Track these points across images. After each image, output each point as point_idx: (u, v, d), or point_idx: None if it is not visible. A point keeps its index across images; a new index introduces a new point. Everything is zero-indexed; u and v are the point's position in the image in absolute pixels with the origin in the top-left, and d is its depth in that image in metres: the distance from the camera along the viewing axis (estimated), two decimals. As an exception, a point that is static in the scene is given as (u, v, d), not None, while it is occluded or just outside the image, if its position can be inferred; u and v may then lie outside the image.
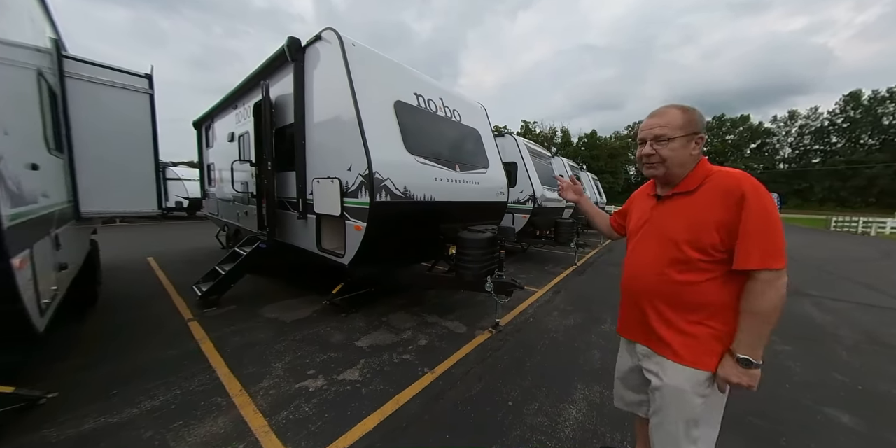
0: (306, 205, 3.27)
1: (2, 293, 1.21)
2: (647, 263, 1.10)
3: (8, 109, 1.29)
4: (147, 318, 3.45)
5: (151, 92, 2.94)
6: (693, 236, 0.98)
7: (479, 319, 3.61)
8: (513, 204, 6.52)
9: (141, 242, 8.20)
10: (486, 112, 4.70)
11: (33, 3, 2.00)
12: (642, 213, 1.18)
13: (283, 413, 2.05)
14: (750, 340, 0.93)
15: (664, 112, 1.04)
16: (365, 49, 2.86)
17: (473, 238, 3.12)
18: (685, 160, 1.03)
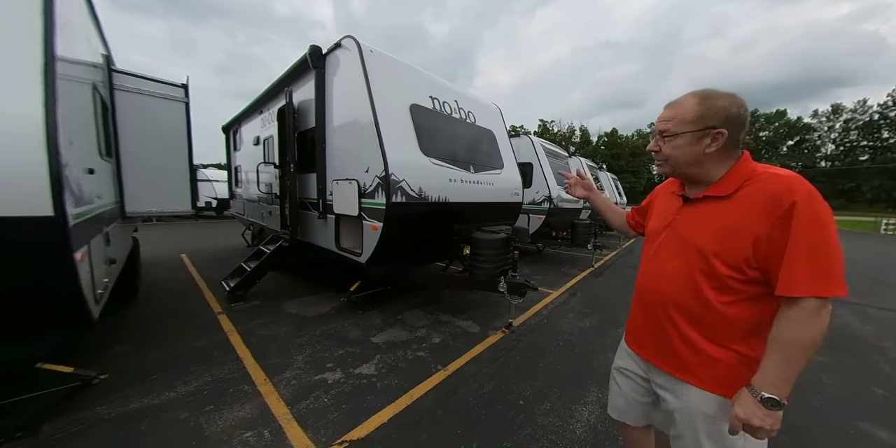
0: (326, 205, 3.42)
1: (66, 283, 1.38)
2: (668, 274, 0.95)
3: (72, 121, 1.47)
4: (181, 310, 3.71)
5: (187, 100, 3.19)
6: (723, 249, 0.83)
7: (493, 319, 3.63)
8: (528, 205, 6.47)
9: (175, 240, 8.75)
10: (501, 113, 4.71)
11: (90, 24, 2.24)
12: (665, 213, 1.02)
13: (304, 402, 2.17)
14: (779, 376, 0.77)
15: (678, 102, 0.90)
16: (382, 55, 2.96)
17: (487, 238, 3.16)
18: (696, 159, 0.88)
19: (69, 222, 1.31)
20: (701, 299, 0.87)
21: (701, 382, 0.89)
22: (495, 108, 4.61)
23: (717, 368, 0.87)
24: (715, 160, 0.88)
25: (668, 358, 0.96)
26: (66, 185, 1.31)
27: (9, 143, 1.18)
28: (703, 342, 0.88)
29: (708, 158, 0.88)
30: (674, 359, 0.94)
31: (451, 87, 3.80)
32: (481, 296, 4.39)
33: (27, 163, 1.20)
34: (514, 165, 4.61)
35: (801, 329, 0.76)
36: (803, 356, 0.76)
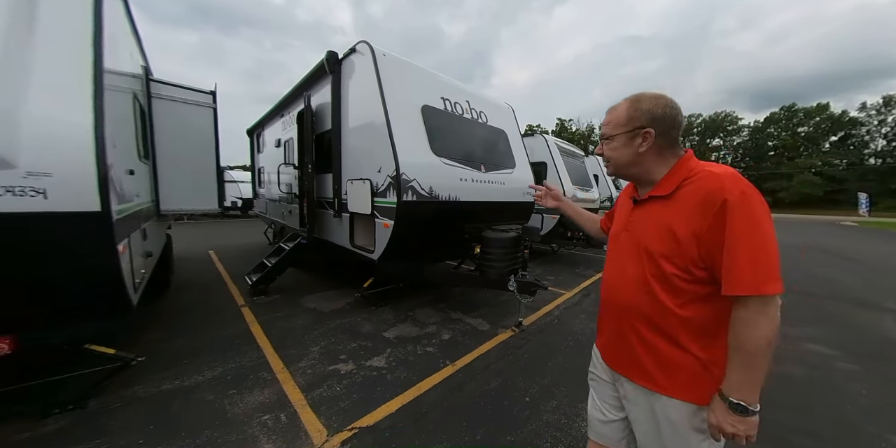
0: (341, 204, 3.56)
1: (110, 271, 1.55)
2: (624, 276, 0.95)
3: (116, 127, 1.65)
4: (209, 302, 3.97)
5: (215, 106, 3.42)
6: (669, 249, 0.83)
7: (503, 318, 3.65)
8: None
9: (204, 238, 9.28)
10: (514, 112, 4.71)
11: (132, 38, 2.47)
12: (622, 216, 1.03)
13: (318, 390, 2.29)
14: (741, 380, 0.76)
15: (614, 108, 0.94)
16: (395, 58, 3.06)
17: (497, 237, 3.19)
18: (632, 159, 0.91)
19: (113, 217, 1.47)
20: (656, 302, 0.86)
21: (662, 389, 0.87)
22: (508, 107, 4.62)
23: (677, 374, 0.86)
24: (652, 159, 0.91)
25: (629, 365, 0.95)
26: (110, 184, 1.47)
27: (64, 148, 1.35)
28: (663, 347, 0.87)
29: (644, 158, 0.91)
30: (635, 366, 0.93)
31: (463, 87, 3.85)
32: (492, 295, 4.41)
33: (79, 164, 1.37)
34: (527, 165, 4.60)
35: (751, 330, 0.75)
36: (761, 358, 0.75)
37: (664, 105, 0.87)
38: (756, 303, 0.74)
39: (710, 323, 0.82)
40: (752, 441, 0.78)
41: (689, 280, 0.82)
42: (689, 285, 0.82)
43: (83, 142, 1.37)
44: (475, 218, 3.64)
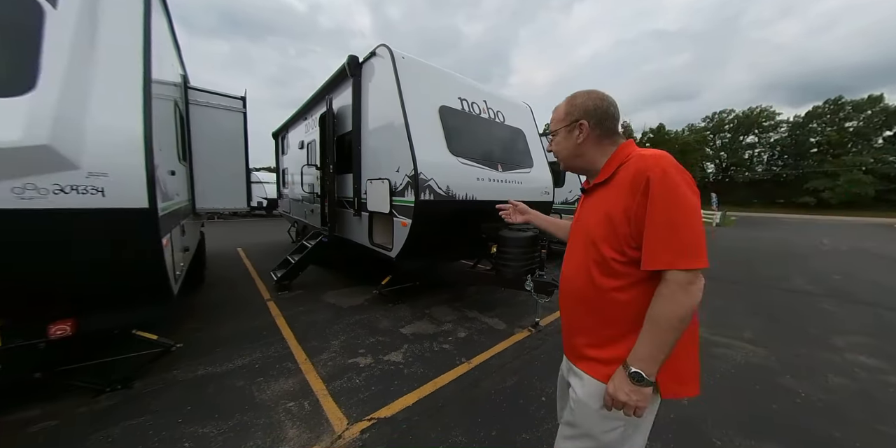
0: (361, 203, 3.67)
1: (155, 263, 1.70)
2: (573, 266, 0.97)
3: (161, 131, 1.81)
4: (238, 296, 4.20)
5: (245, 111, 3.64)
6: (607, 232, 0.86)
7: (519, 318, 3.64)
8: (560, 204, 6.32)
9: (232, 236, 9.79)
10: (532, 112, 4.68)
11: (173, 50, 2.68)
12: (577, 210, 1.07)
13: (338, 381, 2.38)
14: (647, 352, 0.78)
15: (556, 107, 1.01)
16: (413, 60, 3.13)
17: (514, 236, 3.18)
18: (574, 151, 0.97)
19: (158, 213, 1.62)
20: (595, 287, 0.88)
21: (597, 373, 0.89)
22: (525, 106, 4.60)
23: (608, 359, 0.88)
24: (592, 150, 0.96)
25: (575, 350, 0.97)
26: (156, 183, 1.61)
27: (118, 151, 1.50)
28: (600, 334, 0.90)
29: (584, 149, 0.96)
30: (576, 350, 0.97)
31: (481, 87, 3.87)
32: (509, 294, 4.40)
33: (130, 166, 1.52)
34: (545, 164, 4.55)
35: (666, 304, 0.76)
36: (669, 333, 0.76)
37: (596, 98, 0.93)
38: (675, 278, 0.75)
39: (645, 308, 0.82)
40: (639, 414, 0.81)
41: (625, 262, 0.84)
42: (625, 267, 0.84)
43: (134, 145, 1.52)
44: (492, 217, 3.63)
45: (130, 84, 1.56)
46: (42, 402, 2.01)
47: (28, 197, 1.34)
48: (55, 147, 1.34)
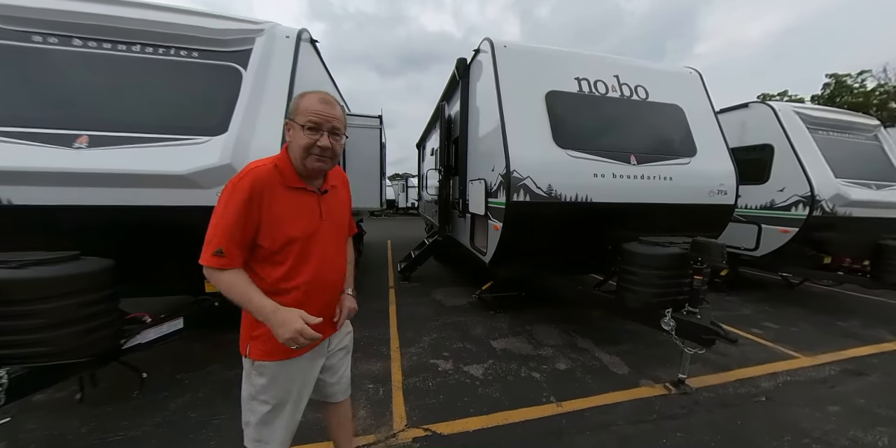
0: (465, 204, 3.66)
1: None
2: (335, 255, 1.20)
3: None
4: (373, 279, 5.11)
5: (380, 127, 4.37)
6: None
7: (656, 366, 2.64)
8: (760, 209, 4.22)
9: (386, 230, 12.12)
10: (702, 79, 3.31)
11: (329, 85, 3.56)
12: (309, 212, 1.11)
13: (414, 379, 2.43)
14: None
15: (332, 102, 1.04)
16: (516, 47, 2.82)
17: (644, 252, 2.33)
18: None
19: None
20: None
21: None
22: (689, 74, 3.31)
23: None
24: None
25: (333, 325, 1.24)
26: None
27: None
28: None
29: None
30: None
31: (610, 60, 3.08)
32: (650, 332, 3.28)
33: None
34: (724, 150, 3.13)
35: None
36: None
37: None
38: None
39: None
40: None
41: None
42: None
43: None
44: (622, 224, 2.81)
45: (278, 120, 2.13)
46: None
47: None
48: (234, 165, 1.98)
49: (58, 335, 1.51)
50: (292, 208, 1.05)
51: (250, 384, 1.11)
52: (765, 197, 4.22)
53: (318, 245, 1.10)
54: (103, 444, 1.76)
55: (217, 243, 0.94)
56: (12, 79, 1.98)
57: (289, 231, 1.03)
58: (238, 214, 0.95)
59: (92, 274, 1.62)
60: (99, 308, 1.65)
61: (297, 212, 1.06)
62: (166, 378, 2.34)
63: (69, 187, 1.85)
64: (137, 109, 2.08)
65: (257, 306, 0.95)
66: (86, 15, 2.11)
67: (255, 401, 1.10)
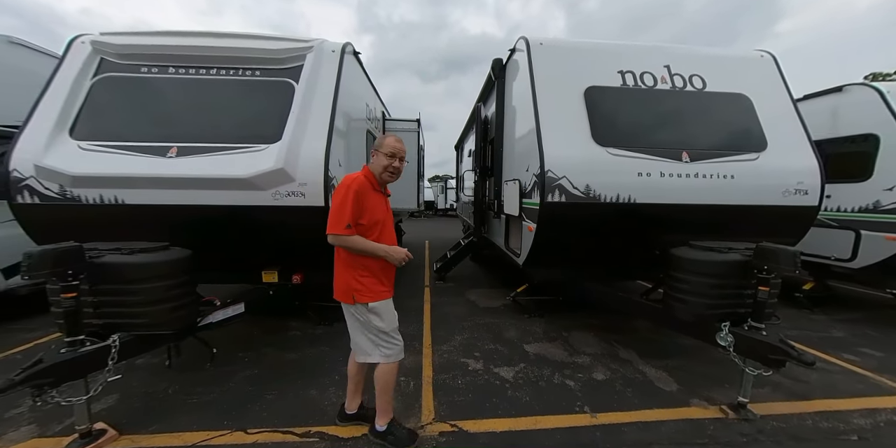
0: (500, 205, 3.64)
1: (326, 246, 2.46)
2: (393, 236, 1.82)
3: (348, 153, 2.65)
4: (409, 278, 5.28)
5: (419, 130, 4.54)
6: None
7: (710, 386, 2.37)
8: (859, 212, 3.55)
9: (425, 231, 12.41)
10: (776, 63, 2.90)
11: (373, 95, 3.81)
12: (384, 206, 1.77)
13: (444, 376, 2.48)
14: None
15: (401, 140, 1.76)
16: (554, 44, 2.73)
17: (696, 259, 2.11)
18: None
19: (330, 210, 2.35)
20: None
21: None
22: (758, 58, 2.91)
23: None
24: None
25: None
26: (330, 189, 2.33)
27: (312, 169, 2.31)
28: None
29: None
30: None
31: (663, 49, 2.84)
32: (705, 347, 2.95)
33: (316, 178, 2.28)
34: (804, 143, 2.71)
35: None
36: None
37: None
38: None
39: None
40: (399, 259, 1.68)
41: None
42: None
43: (319, 165, 2.28)
44: (671, 227, 2.59)
45: (322, 128, 2.38)
46: (296, 320, 3.39)
47: (277, 198, 2.31)
48: (286, 169, 2.24)
49: (153, 310, 1.85)
50: (376, 202, 1.68)
51: (370, 325, 1.67)
52: (866, 197, 3.52)
53: (387, 228, 1.74)
54: (183, 404, 2.09)
55: (346, 221, 1.55)
56: (126, 103, 2.46)
57: (376, 215, 1.66)
58: (354, 204, 1.55)
59: (178, 261, 1.95)
60: (182, 290, 1.97)
61: (378, 205, 1.70)
62: (231, 355, 2.69)
63: (163, 190, 2.24)
64: (212, 123, 2.45)
65: (377, 247, 1.61)
66: (178, 47, 2.54)
67: (379, 332, 1.68)
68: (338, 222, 1.55)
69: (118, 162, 2.23)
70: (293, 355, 2.74)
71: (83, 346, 1.68)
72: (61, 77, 2.43)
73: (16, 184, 2.24)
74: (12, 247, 2.85)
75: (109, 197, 2.24)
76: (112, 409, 2.04)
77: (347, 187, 1.55)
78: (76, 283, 1.61)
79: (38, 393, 1.52)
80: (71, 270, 1.58)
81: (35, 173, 2.22)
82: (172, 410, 2.04)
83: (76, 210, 2.28)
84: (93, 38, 2.55)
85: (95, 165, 2.20)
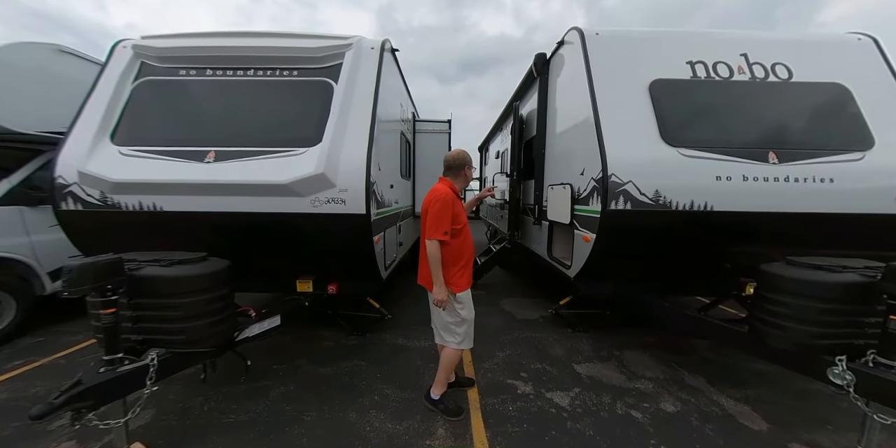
0: (541, 211, 3.38)
1: (366, 254, 2.31)
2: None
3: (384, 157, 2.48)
4: (437, 285, 5.09)
5: (449, 131, 4.36)
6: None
7: (809, 426, 2.02)
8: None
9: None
10: (879, 46, 2.49)
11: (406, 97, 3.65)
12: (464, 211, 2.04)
13: (492, 400, 2.26)
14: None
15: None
16: (611, 35, 2.46)
17: (798, 278, 1.78)
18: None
19: (371, 218, 2.17)
20: None
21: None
22: (856, 42, 2.52)
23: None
24: None
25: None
26: (372, 196, 2.16)
27: (353, 175, 2.16)
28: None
29: None
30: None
31: (738, 36, 2.50)
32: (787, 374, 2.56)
33: (357, 184, 2.13)
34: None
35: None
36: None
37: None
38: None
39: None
40: (440, 305, 1.90)
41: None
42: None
43: (360, 171, 2.13)
44: (754, 238, 2.26)
45: (362, 130, 2.23)
46: (328, 329, 3.27)
47: (316, 205, 2.17)
48: (326, 174, 2.10)
49: (191, 326, 1.74)
50: (461, 208, 1.99)
51: (455, 313, 2.00)
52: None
53: (468, 228, 2.03)
54: (219, 424, 1.98)
55: (444, 228, 1.82)
56: (164, 107, 2.41)
57: (463, 219, 1.98)
58: (450, 213, 1.84)
59: (216, 273, 1.83)
60: (221, 304, 1.86)
61: (462, 210, 1.99)
62: (265, 367, 2.58)
63: (199, 196, 2.15)
64: (250, 125, 2.35)
65: (441, 269, 1.87)
66: (216, 48, 2.47)
67: (460, 320, 2.02)
68: (436, 229, 1.81)
69: (156, 168, 2.16)
70: (328, 370, 2.60)
71: (122, 364, 1.58)
72: (104, 82, 2.41)
73: (60, 190, 2.21)
74: (59, 251, 2.88)
75: (148, 204, 2.18)
76: (148, 427, 1.95)
77: (444, 199, 1.82)
78: (115, 298, 1.51)
79: (78, 416, 1.42)
80: (111, 285, 1.49)
81: (78, 180, 2.19)
82: (209, 430, 1.92)
83: (117, 217, 2.23)
84: (134, 42, 2.52)
85: (134, 171, 2.14)
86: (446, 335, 2.01)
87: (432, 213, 1.82)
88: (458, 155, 2.02)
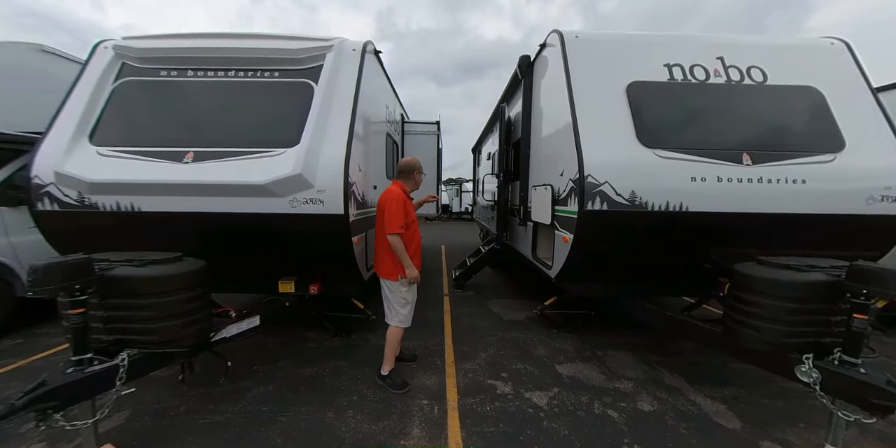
0: (526, 212, 3.40)
1: (345, 255, 2.31)
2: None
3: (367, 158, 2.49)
4: (426, 286, 5.06)
5: (438, 133, 4.38)
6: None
7: (781, 424, 2.05)
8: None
9: (440, 235, 12.21)
10: (851, 50, 2.54)
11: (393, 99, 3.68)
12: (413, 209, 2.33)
13: (471, 400, 2.26)
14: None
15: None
16: (591, 36, 2.50)
17: (769, 278, 1.81)
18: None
19: (350, 218, 2.18)
20: None
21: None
22: (828, 46, 2.57)
23: None
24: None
25: None
26: (349, 196, 2.17)
27: (331, 176, 2.17)
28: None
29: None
30: None
31: (714, 39, 2.54)
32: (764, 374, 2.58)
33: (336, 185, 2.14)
34: (893, 141, 2.34)
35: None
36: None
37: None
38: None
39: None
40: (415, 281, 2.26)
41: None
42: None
43: (338, 172, 2.14)
44: (729, 239, 2.29)
45: (342, 131, 2.24)
46: (313, 331, 3.25)
47: (294, 206, 2.17)
48: (304, 175, 2.11)
49: (164, 326, 1.73)
50: (411, 207, 2.23)
51: (402, 295, 2.28)
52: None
53: (416, 223, 2.34)
54: (195, 425, 1.96)
55: (401, 223, 2.07)
56: (144, 107, 2.40)
57: (413, 215, 2.23)
58: (403, 210, 2.09)
59: (189, 273, 1.82)
60: (195, 304, 1.85)
61: (412, 208, 2.26)
62: (246, 368, 2.57)
63: (177, 197, 2.15)
64: (229, 126, 2.35)
65: (406, 256, 2.14)
66: (197, 49, 2.48)
67: (405, 302, 2.31)
68: (394, 224, 2.04)
69: (134, 168, 2.15)
70: (309, 370, 2.59)
71: (91, 364, 1.57)
72: (84, 82, 2.40)
73: (37, 190, 2.20)
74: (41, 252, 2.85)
75: (126, 204, 2.17)
76: (122, 428, 1.93)
77: (398, 198, 2.07)
78: (84, 298, 1.51)
79: (42, 417, 1.41)
80: (79, 285, 1.48)
81: (55, 180, 2.18)
82: (184, 431, 1.91)
83: (94, 217, 2.22)
84: (115, 42, 2.52)
85: (112, 172, 2.14)
86: (391, 314, 2.31)
87: (389, 212, 2.06)
88: (410, 162, 2.29)
